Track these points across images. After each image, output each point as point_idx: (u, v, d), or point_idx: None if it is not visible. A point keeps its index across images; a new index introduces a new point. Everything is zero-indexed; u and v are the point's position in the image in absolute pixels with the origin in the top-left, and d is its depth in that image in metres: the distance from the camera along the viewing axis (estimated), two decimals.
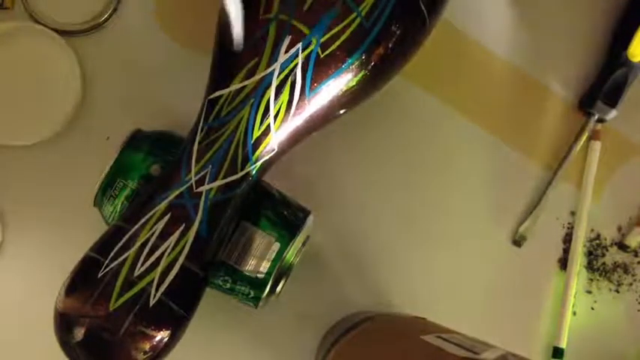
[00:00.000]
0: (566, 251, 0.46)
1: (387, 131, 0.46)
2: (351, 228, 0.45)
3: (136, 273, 0.32)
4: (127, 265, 0.32)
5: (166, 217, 0.33)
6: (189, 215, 0.33)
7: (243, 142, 0.34)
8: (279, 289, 0.38)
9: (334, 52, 0.34)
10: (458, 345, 0.30)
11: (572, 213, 0.47)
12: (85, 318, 0.31)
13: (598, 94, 0.46)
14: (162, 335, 0.32)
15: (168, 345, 0.33)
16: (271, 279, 0.36)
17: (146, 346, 0.32)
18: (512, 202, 0.46)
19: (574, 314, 0.46)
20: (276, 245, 0.36)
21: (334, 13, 0.33)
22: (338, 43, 0.34)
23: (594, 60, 0.47)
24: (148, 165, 0.36)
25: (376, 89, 0.37)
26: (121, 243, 0.33)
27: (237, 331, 0.43)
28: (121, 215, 0.34)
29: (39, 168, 0.43)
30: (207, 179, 0.34)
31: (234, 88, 0.34)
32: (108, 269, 0.32)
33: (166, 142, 0.38)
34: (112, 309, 0.31)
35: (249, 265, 0.36)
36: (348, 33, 0.34)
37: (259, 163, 0.35)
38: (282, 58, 0.33)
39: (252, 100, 0.34)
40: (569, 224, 0.46)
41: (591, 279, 0.46)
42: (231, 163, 0.34)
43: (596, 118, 0.46)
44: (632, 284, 0.46)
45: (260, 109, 0.34)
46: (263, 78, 0.34)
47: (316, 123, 0.36)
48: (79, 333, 0.31)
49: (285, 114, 0.34)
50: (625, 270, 0.46)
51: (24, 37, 0.43)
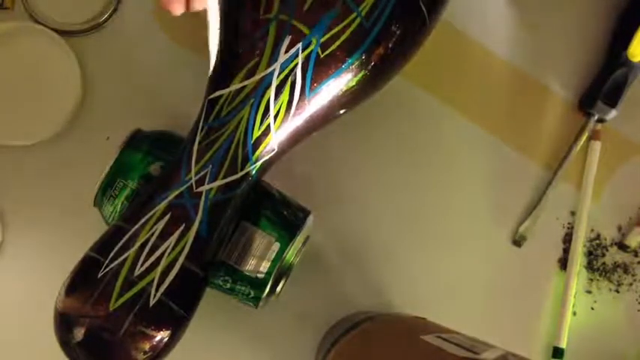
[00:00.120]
0: (566, 251, 0.46)
1: (387, 131, 0.46)
2: (351, 228, 0.45)
3: (136, 273, 0.32)
4: (127, 265, 0.32)
5: (166, 217, 0.33)
6: (189, 215, 0.33)
7: (243, 142, 0.34)
8: (279, 289, 0.38)
9: (334, 52, 0.34)
10: (458, 345, 0.30)
11: (572, 213, 0.47)
12: (85, 318, 0.31)
13: (598, 94, 0.46)
14: (162, 335, 0.32)
15: (168, 345, 0.32)
16: (271, 279, 0.36)
17: (146, 346, 0.32)
18: (512, 202, 0.46)
19: (574, 314, 0.45)
20: (276, 245, 0.36)
21: (334, 13, 0.33)
22: (338, 43, 0.34)
23: (594, 60, 0.47)
24: (147, 165, 0.36)
25: (376, 89, 0.37)
26: (121, 243, 0.33)
27: (237, 331, 0.43)
28: (121, 215, 0.34)
29: (39, 168, 0.43)
30: (207, 179, 0.34)
31: (234, 88, 0.34)
32: (108, 269, 0.32)
33: (166, 142, 0.38)
34: (112, 309, 0.31)
35: (249, 265, 0.36)
36: (348, 33, 0.34)
37: (259, 163, 0.35)
38: (282, 58, 0.33)
39: (252, 100, 0.34)
40: (569, 224, 0.46)
41: (591, 279, 0.46)
42: (231, 163, 0.34)
43: (596, 118, 0.46)
44: (632, 284, 0.46)
45: (260, 109, 0.34)
46: (263, 78, 0.34)
47: (316, 123, 0.36)
48: (79, 333, 0.31)
49: (285, 114, 0.34)
50: (625, 270, 0.46)
51: (24, 37, 0.43)
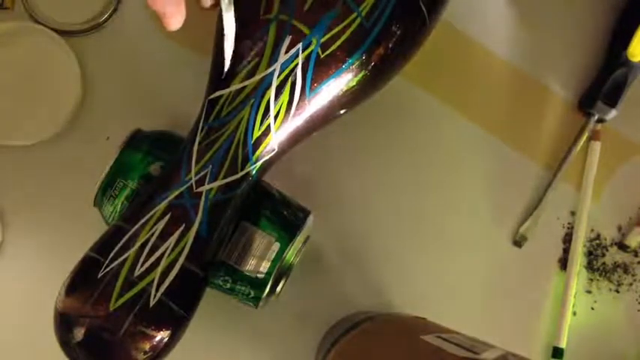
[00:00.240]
0: (566, 251, 0.46)
1: (387, 131, 0.46)
2: (351, 228, 0.45)
3: (136, 273, 0.32)
4: (127, 266, 0.32)
5: (166, 218, 0.33)
6: (189, 215, 0.33)
7: (243, 142, 0.34)
8: (279, 289, 0.38)
9: (334, 52, 0.34)
10: (458, 345, 0.30)
11: (572, 213, 0.47)
12: (85, 318, 0.31)
13: (598, 94, 0.46)
14: (162, 335, 0.32)
15: (168, 345, 0.32)
16: (271, 279, 0.36)
17: (146, 346, 0.32)
18: (513, 202, 0.46)
19: (574, 314, 0.45)
20: (276, 245, 0.36)
21: (334, 13, 0.33)
22: (338, 43, 0.34)
23: (594, 60, 0.47)
24: (147, 165, 0.36)
25: (376, 89, 0.37)
26: (121, 243, 0.33)
27: (237, 331, 0.43)
28: (121, 215, 0.34)
29: (39, 168, 0.43)
30: (208, 179, 0.34)
31: (234, 88, 0.34)
32: (108, 269, 0.32)
33: (166, 142, 0.38)
34: (112, 309, 0.31)
35: (249, 265, 0.36)
36: (348, 33, 0.34)
37: (259, 163, 0.35)
38: (283, 58, 0.33)
39: (253, 101, 0.34)
40: (569, 224, 0.46)
41: (591, 279, 0.46)
42: (232, 163, 0.34)
43: (596, 118, 0.46)
44: (632, 284, 0.46)
45: (260, 109, 0.34)
46: (263, 78, 0.34)
47: (316, 123, 0.36)
48: (79, 333, 0.31)
49: (286, 114, 0.34)
50: (625, 270, 0.46)
51: (24, 37, 0.43)
